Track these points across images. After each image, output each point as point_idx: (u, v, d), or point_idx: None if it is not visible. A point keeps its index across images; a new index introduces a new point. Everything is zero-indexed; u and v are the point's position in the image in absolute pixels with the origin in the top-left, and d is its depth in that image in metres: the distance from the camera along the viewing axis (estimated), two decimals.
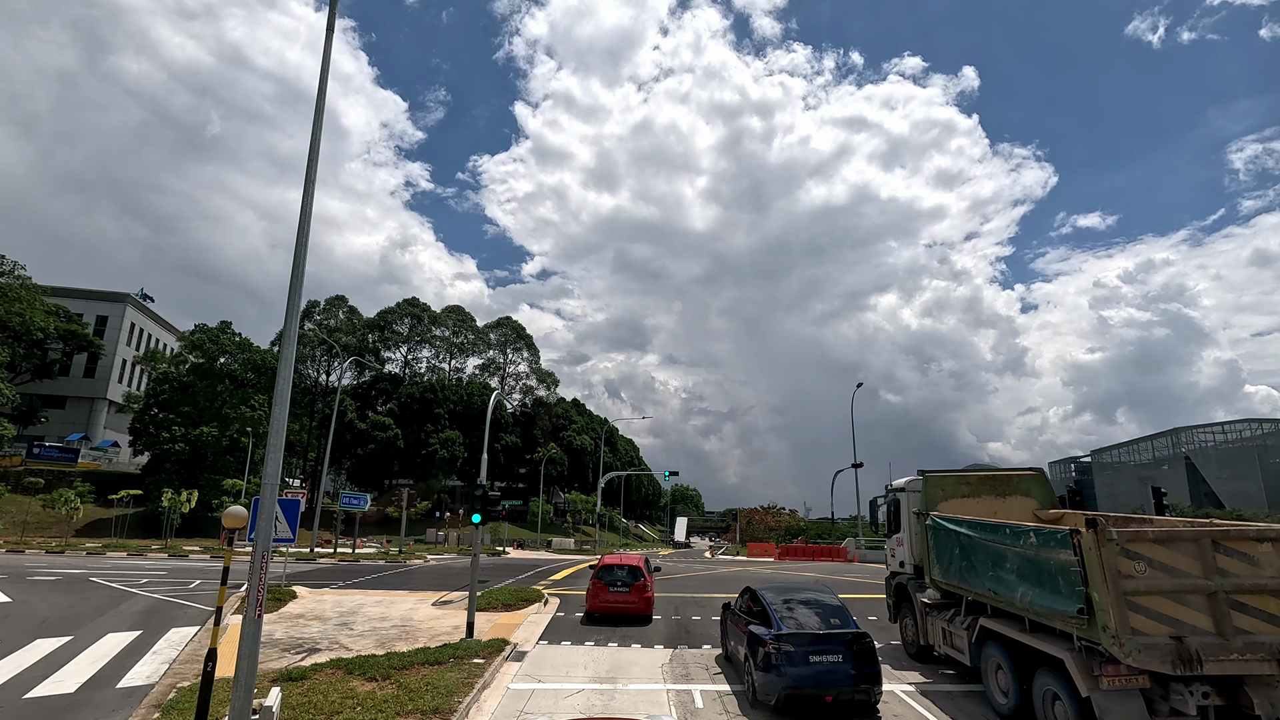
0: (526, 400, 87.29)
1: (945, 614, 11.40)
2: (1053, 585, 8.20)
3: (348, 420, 69.25)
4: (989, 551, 9.73)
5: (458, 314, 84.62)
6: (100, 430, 74.31)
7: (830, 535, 56.84)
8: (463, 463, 75.41)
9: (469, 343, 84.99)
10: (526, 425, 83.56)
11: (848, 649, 9.54)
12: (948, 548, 11.01)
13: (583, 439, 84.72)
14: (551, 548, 64.09)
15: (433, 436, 71.37)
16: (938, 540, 11.38)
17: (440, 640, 13.70)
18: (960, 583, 10.68)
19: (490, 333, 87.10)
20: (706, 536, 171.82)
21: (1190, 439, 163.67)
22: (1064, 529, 8.13)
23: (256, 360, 63.78)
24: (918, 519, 12.33)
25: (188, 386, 61.68)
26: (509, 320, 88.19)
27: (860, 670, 9.41)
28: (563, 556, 48.19)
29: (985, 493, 12.19)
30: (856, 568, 36.61)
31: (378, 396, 75.00)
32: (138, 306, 79.34)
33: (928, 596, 12.15)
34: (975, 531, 10.17)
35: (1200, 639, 7.31)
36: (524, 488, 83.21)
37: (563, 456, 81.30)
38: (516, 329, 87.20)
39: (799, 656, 9.46)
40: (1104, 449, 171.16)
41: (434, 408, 73.45)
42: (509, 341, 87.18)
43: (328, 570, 26.28)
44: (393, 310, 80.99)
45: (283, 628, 14.83)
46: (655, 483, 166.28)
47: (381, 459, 68.88)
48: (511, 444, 78.20)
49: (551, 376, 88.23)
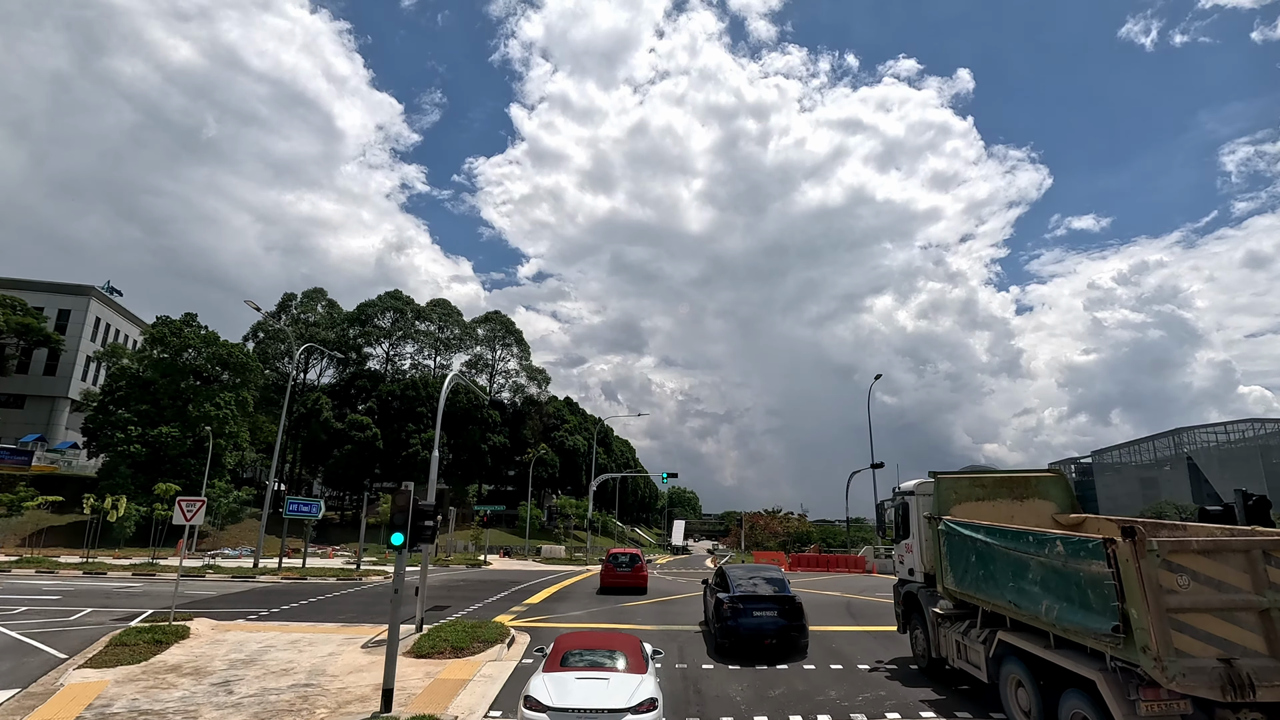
0: (516, 399, 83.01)
1: (959, 626, 10.77)
2: (1083, 599, 7.58)
3: (323, 419, 64.93)
4: (1009, 560, 9.09)
5: (443, 308, 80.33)
6: (61, 431, 69.76)
7: (845, 542, 52.86)
8: (448, 465, 71.04)
9: (455, 338, 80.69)
10: (516, 425, 79.23)
11: (781, 607, 13.27)
12: (962, 555, 10.38)
13: (575, 439, 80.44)
14: (540, 556, 59.85)
15: (414, 437, 67.04)
16: (951, 547, 10.79)
17: (345, 716, 9.54)
18: (976, 593, 10.06)
19: (478, 328, 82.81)
20: (705, 540, 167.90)
21: (1192, 439, 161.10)
22: (1096, 538, 7.42)
23: (223, 354, 59.40)
24: (929, 524, 11.69)
25: (148, 383, 57.27)
26: (498, 315, 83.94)
27: (790, 622, 13.19)
28: (550, 567, 43.96)
29: (1001, 496, 11.53)
30: (879, 582, 32.60)
31: (357, 395, 70.60)
32: (103, 300, 74.81)
33: (940, 607, 11.54)
34: (994, 538, 9.47)
35: (1252, 661, 6.67)
36: (513, 491, 78.91)
37: (554, 458, 76.99)
38: (505, 324, 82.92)
39: (745, 611, 13.14)
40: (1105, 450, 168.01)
41: (416, 406, 69.11)
42: (498, 337, 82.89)
43: (261, 592, 22.05)
44: (374, 304, 76.62)
45: (133, 691, 10.61)
46: (652, 485, 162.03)
47: (359, 461, 64.51)
48: (499, 445, 73.89)
49: (542, 374, 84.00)
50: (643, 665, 8.97)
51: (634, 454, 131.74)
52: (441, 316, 79.86)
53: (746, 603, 13.38)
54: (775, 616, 13.21)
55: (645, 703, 7.97)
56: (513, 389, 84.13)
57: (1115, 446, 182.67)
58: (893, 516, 13.99)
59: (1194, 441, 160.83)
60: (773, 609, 13.32)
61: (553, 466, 75.93)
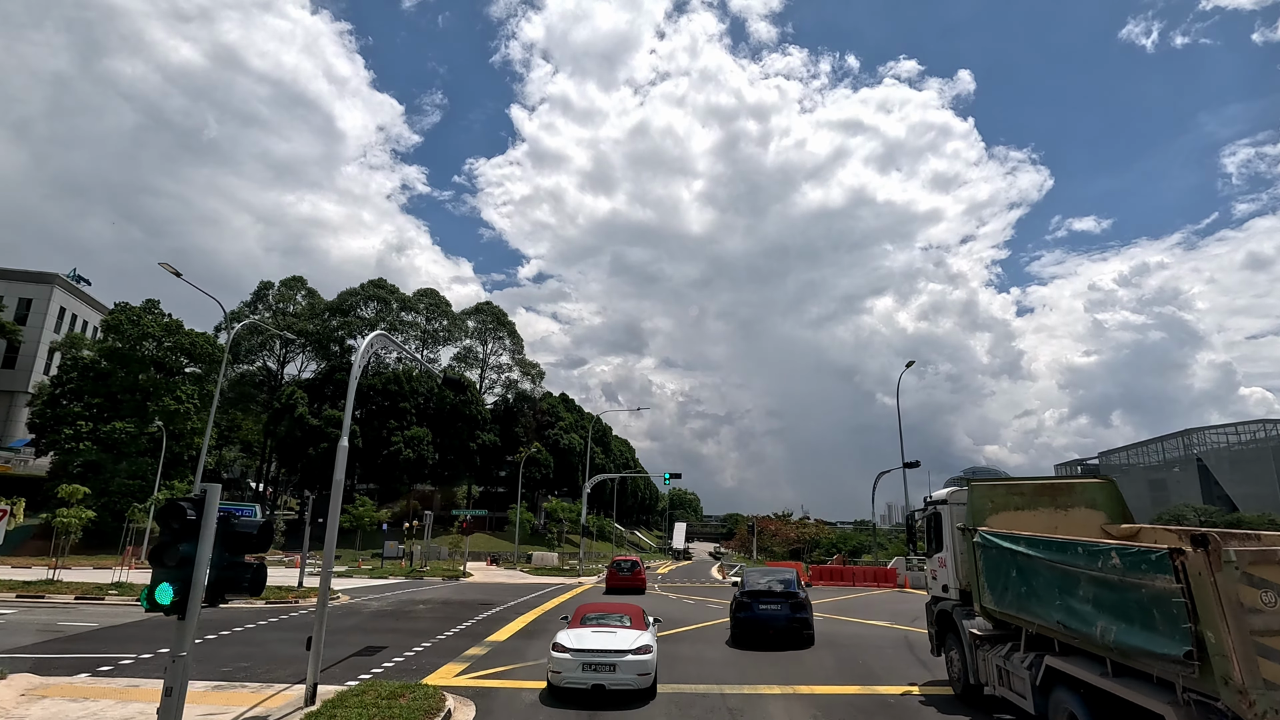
0: (509, 395, 78.25)
1: (1000, 649, 9.65)
2: (1145, 620, 6.56)
3: (298, 415, 60.16)
4: (1057, 575, 8.01)
5: (431, 298, 75.55)
6: (20, 428, 64.98)
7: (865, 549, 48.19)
8: (434, 465, 66.33)
9: (443, 330, 75.90)
10: (507, 422, 74.46)
11: (785, 601, 15.40)
12: (1002, 570, 9.32)
13: (571, 438, 75.65)
14: (531, 563, 55.05)
15: (396, 435, 62.27)
16: (989, 561, 9.72)
17: None
18: (1019, 612, 8.94)
19: (468, 319, 78.03)
20: (707, 543, 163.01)
21: (1202, 440, 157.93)
22: (1160, 548, 6.43)
23: (186, 344, 54.64)
24: (963, 535, 10.64)
25: (104, 375, 52.54)
26: (489, 306, 79.16)
27: (792, 614, 15.25)
28: (539, 579, 39.15)
29: (1042, 504, 10.42)
30: (913, 599, 27.86)
31: (336, 390, 65.76)
32: (69, 289, 70.08)
33: (977, 627, 10.40)
34: (1038, 551, 8.41)
35: None
36: (504, 493, 74.15)
37: (548, 457, 72.19)
38: (497, 315, 78.13)
39: (753, 605, 15.46)
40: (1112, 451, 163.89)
41: (399, 402, 64.35)
42: (489, 329, 78.08)
43: (153, 625, 17.22)
44: (356, 293, 71.86)
45: None
46: (653, 487, 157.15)
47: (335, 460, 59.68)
48: (489, 443, 69.11)
49: (536, 368, 79.19)
50: (643, 625, 11.73)
51: (634, 454, 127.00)
52: (429, 307, 75.10)
53: (753, 597, 15.57)
54: (778, 609, 15.17)
55: (641, 647, 10.68)
56: (505, 384, 79.50)
57: (1123, 448, 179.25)
58: (924, 528, 12.97)
59: (1204, 442, 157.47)
60: (777, 602, 15.31)
61: (547, 466, 71.11)
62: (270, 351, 73.23)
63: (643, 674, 10.48)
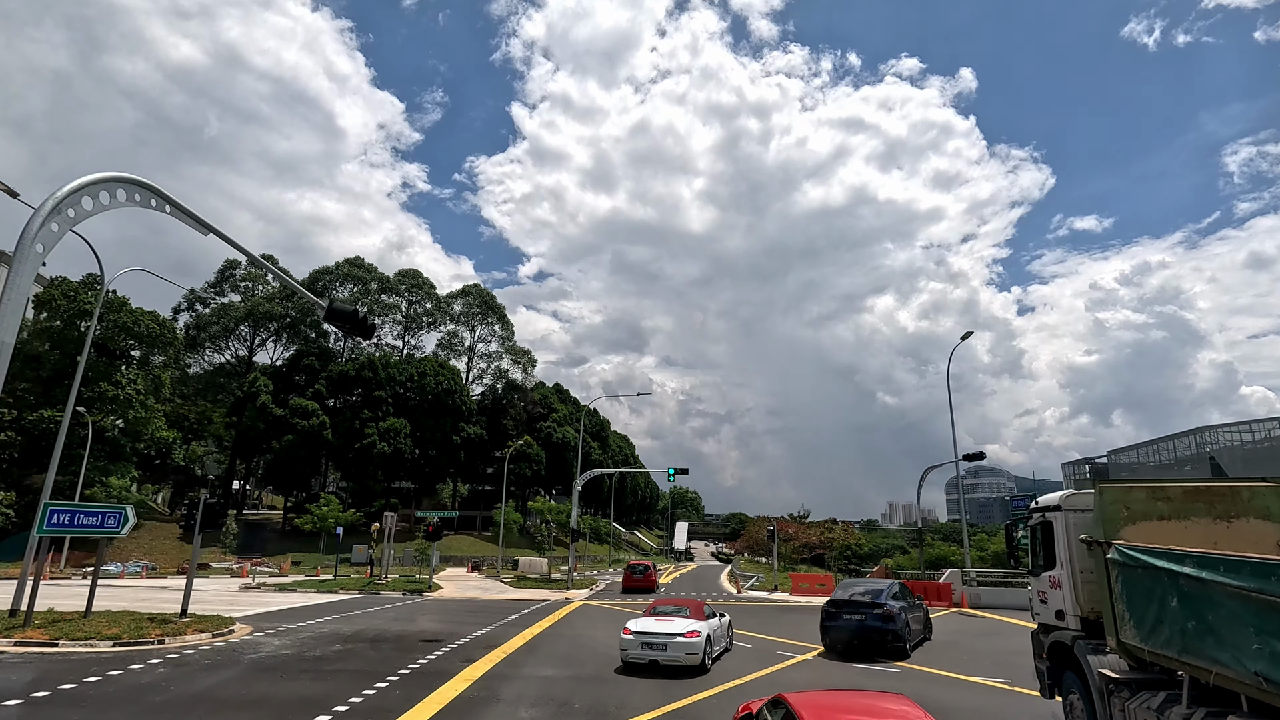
0: (497, 385, 72.17)
1: (1146, 697, 7.21)
2: None
3: (260, 404, 54.13)
4: (1252, 609, 5.52)
5: (413, 279, 69.43)
6: None
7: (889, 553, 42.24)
8: (413, 461, 60.31)
9: (426, 313, 69.85)
10: (495, 414, 68.40)
11: (869, 611, 15.47)
12: (1154, 596, 7.03)
13: (565, 431, 69.59)
14: (517, 569, 49.03)
15: (370, 426, 56.25)
16: (1131, 583, 7.52)
17: None
18: (1183, 654, 6.48)
19: (454, 302, 71.95)
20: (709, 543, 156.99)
21: (1215, 438, 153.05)
22: None
23: (129, 324, 48.64)
24: (1088, 550, 8.43)
25: (34, 357, 46.60)
26: (476, 288, 73.05)
27: (877, 625, 15.24)
28: (520, 594, 33.15)
29: (1196, 512, 7.94)
30: (990, 627, 21.95)
31: (307, 377, 59.69)
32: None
33: (1111, 667, 8.12)
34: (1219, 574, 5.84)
35: None
36: (492, 491, 68.16)
37: (539, 452, 66.16)
38: (485, 298, 71.99)
39: (837, 615, 15.90)
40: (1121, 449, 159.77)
41: (374, 390, 58.31)
42: (475, 313, 71.98)
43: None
44: (330, 271, 65.78)
45: None
46: (653, 485, 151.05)
47: (303, 453, 53.72)
48: (475, 436, 63.07)
49: (528, 356, 73.08)
50: (701, 616, 14.12)
51: (634, 451, 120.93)
52: (411, 289, 69.01)
53: (838, 606, 16.10)
54: (862, 620, 15.43)
55: (689, 632, 13.04)
56: (495, 374, 73.39)
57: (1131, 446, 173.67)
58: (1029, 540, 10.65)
59: (1217, 440, 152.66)
60: (861, 612, 15.55)
61: (538, 462, 65.10)
62: (240, 338, 67.24)
63: (690, 653, 12.75)
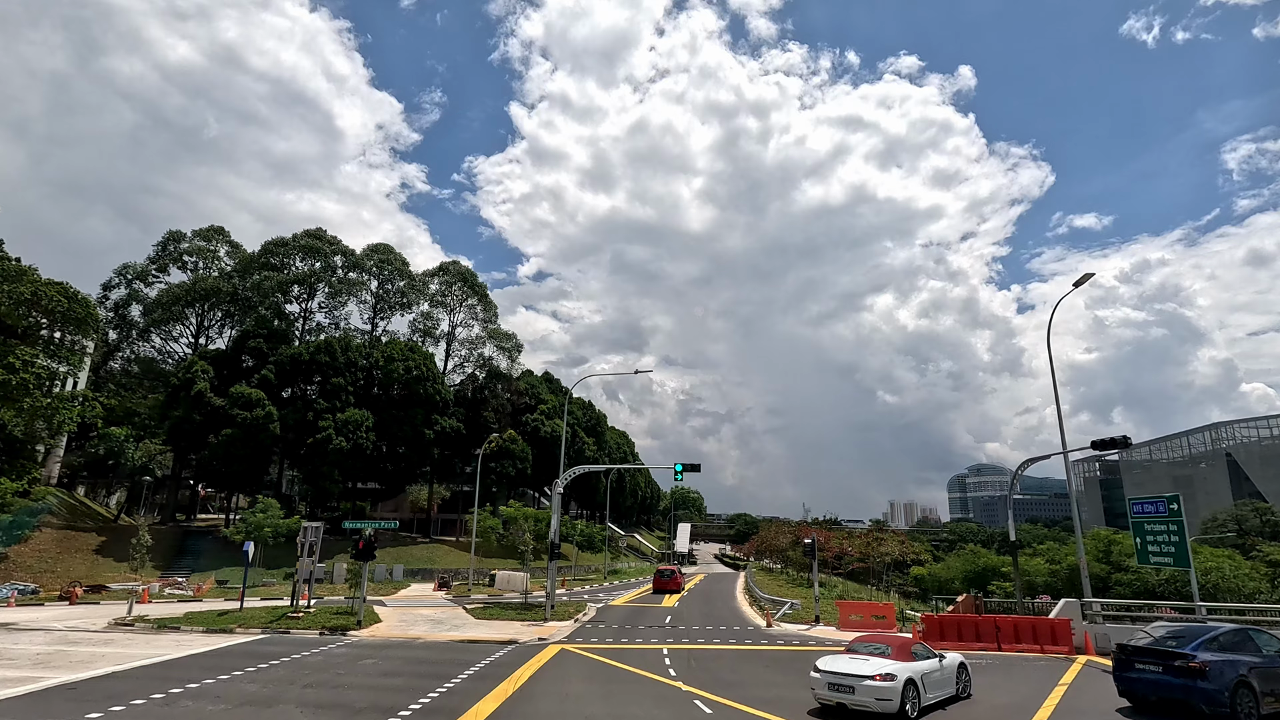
0: (478, 373, 64.27)
1: None
2: None
3: (196, 393, 46.26)
4: None
5: (383, 254, 61.57)
6: None
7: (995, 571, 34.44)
8: (377, 457, 52.44)
9: (398, 293, 61.97)
10: (476, 406, 60.53)
11: (1165, 662, 11.80)
12: None
13: (554, 425, 61.75)
14: (494, 585, 41.26)
15: (326, 418, 48.39)
16: None
17: None
18: None
19: (430, 281, 64.04)
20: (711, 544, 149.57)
21: (1231, 435, 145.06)
22: None
23: (28, 295, 40.77)
24: None
25: None
26: (455, 266, 65.07)
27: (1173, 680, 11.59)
28: (478, 630, 25.24)
29: None
30: None
31: (256, 361, 51.77)
32: None
33: None
34: None
35: None
36: (472, 491, 60.45)
37: (525, 449, 58.31)
38: (464, 276, 64.08)
39: (1126, 664, 12.52)
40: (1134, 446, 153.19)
41: (332, 376, 50.43)
42: (454, 293, 64.06)
43: None
44: (286, 243, 57.86)
45: None
46: (654, 485, 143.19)
47: (247, 449, 45.82)
48: (452, 430, 55.20)
49: (513, 341, 65.07)
50: (905, 657, 12.23)
51: (633, 449, 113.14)
52: (381, 264, 61.13)
53: (1126, 653, 12.75)
54: (1160, 672, 11.95)
55: (883, 675, 11.35)
56: (477, 362, 65.50)
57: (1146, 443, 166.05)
58: None
59: (1233, 437, 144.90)
60: (1157, 664, 12.08)
61: (523, 459, 57.25)
62: (187, 323, 59.33)
63: (882, 699, 11.27)
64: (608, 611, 30.91)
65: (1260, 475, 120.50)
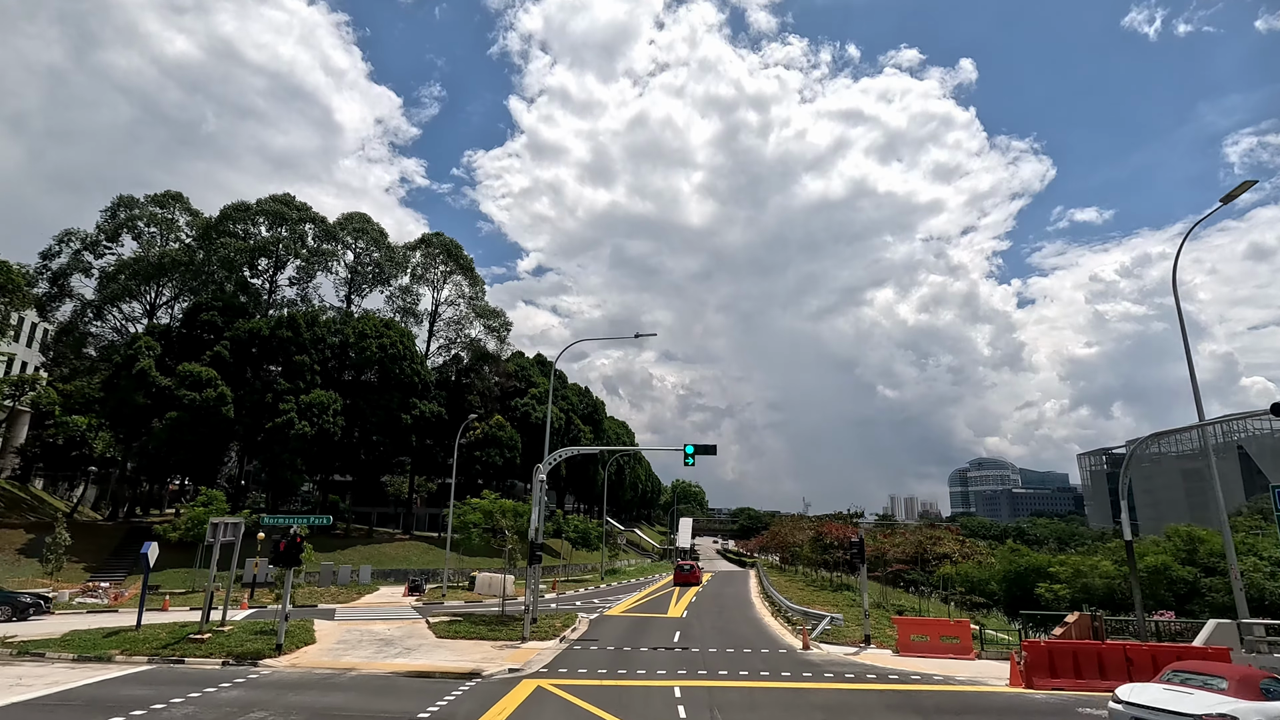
0: (464, 353, 58.79)
1: None
2: None
3: (138, 371, 40.82)
4: None
5: (360, 223, 55.99)
6: None
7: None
8: (349, 445, 47.08)
9: (375, 266, 56.37)
10: (460, 389, 55.09)
11: None
12: None
13: (546, 409, 56.32)
14: (473, 590, 36.02)
15: (288, 400, 42.97)
16: None
17: None
18: None
19: (412, 253, 58.48)
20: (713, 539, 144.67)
21: (1243, 428, 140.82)
22: None
23: None
24: None
25: None
26: (439, 238, 59.46)
27: None
28: (435, 658, 19.87)
29: None
30: None
31: (211, 335, 46.21)
32: None
33: None
34: None
35: None
36: (463, 483, 55.12)
37: (514, 435, 52.91)
38: (449, 249, 58.49)
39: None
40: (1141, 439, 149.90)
41: (293, 354, 44.96)
42: (437, 267, 58.47)
43: None
44: (249, 209, 52.24)
45: None
46: (655, 478, 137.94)
47: (196, 434, 40.37)
48: (432, 415, 49.74)
49: (501, 319, 59.51)
50: (1254, 695, 9.47)
51: (633, 440, 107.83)
52: (357, 233, 55.54)
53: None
54: None
55: (1218, 715, 8.81)
56: (464, 343, 59.99)
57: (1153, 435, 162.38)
58: None
59: (1245, 430, 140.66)
60: None
61: (511, 447, 51.87)
62: (140, 298, 53.73)
63: None
64: (603, 625, 25.60)
65: (1272, 468, 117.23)
